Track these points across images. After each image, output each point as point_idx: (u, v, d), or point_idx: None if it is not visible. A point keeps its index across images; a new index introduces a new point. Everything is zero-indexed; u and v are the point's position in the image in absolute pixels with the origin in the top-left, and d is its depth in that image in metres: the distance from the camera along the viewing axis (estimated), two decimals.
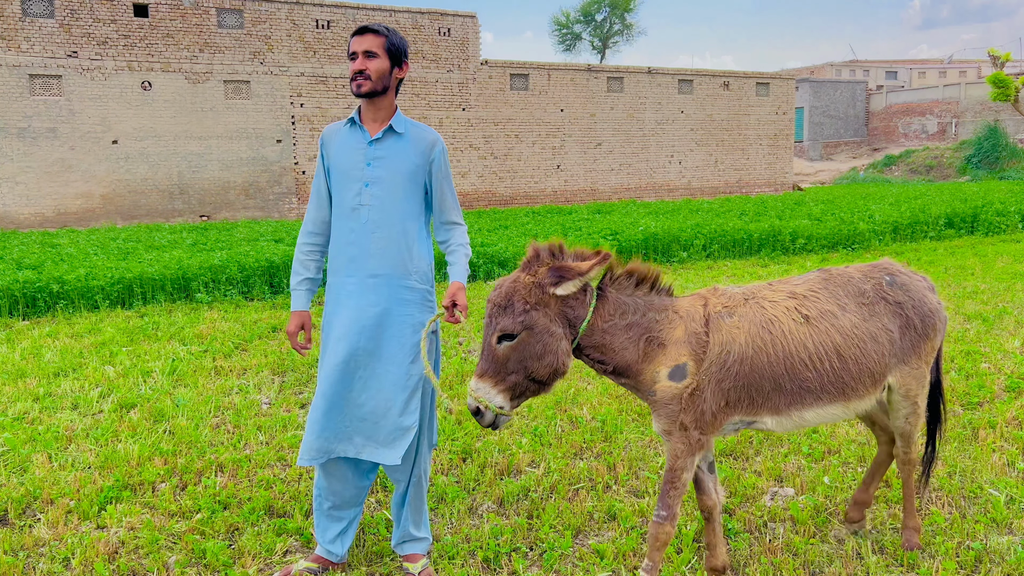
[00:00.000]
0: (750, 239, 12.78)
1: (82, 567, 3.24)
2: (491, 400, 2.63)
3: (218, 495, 3.87)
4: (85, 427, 4.95)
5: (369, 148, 3.02)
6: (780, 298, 2.88)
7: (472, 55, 24.65)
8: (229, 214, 21.65)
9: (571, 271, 2.65)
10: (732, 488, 3.85)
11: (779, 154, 30.73)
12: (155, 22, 20.56)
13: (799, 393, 2.80)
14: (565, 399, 5.30)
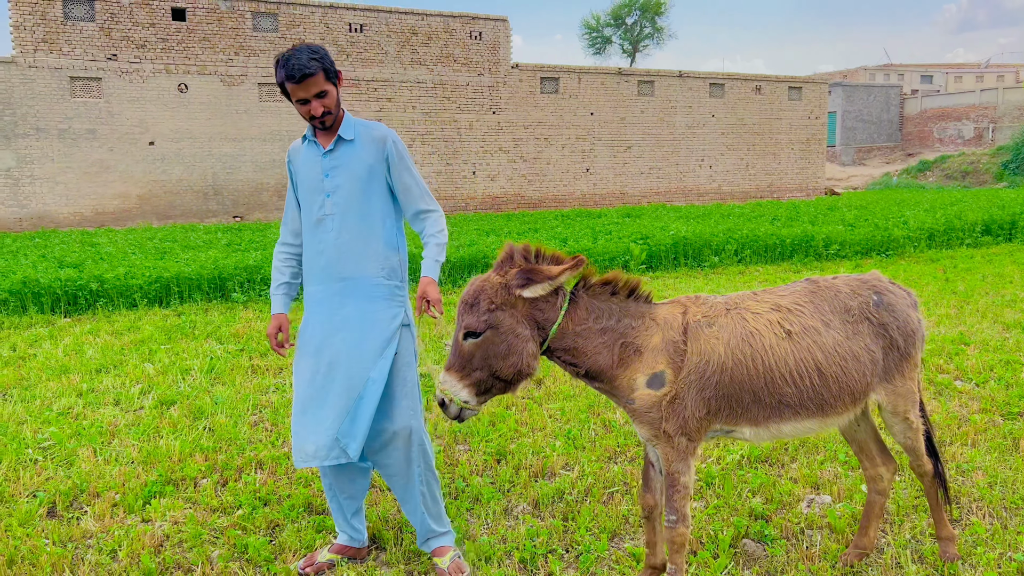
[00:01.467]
0: (782, 244, 12.68)
1: (129, 559, 3.32)
2: (456, 394, 2.67)
3: (258, 492, 3.94)
4: (127, 423, 5.06)
5: (324, 160, 3.12)
6: (763, 310, 2.83)
7: (503, 58, 24.74)
8: (262, 215, 21.92)
9: (540, 274, 2.66)
10: (768, 494, 3.85)
11: (811, 159, 30.44)
12: (192, 25, 20.90)
13: (778, 407, 2.77)
14: (598, 403, 5.32)
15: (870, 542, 3.21)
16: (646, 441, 2.83)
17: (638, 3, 50.16)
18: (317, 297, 3.17)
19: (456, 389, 2.67)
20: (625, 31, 51.74)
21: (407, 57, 23.39)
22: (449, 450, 4.53)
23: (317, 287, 3.17)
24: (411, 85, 23.51)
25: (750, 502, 3.75)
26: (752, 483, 3.95)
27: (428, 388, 5.75)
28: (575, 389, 5.64)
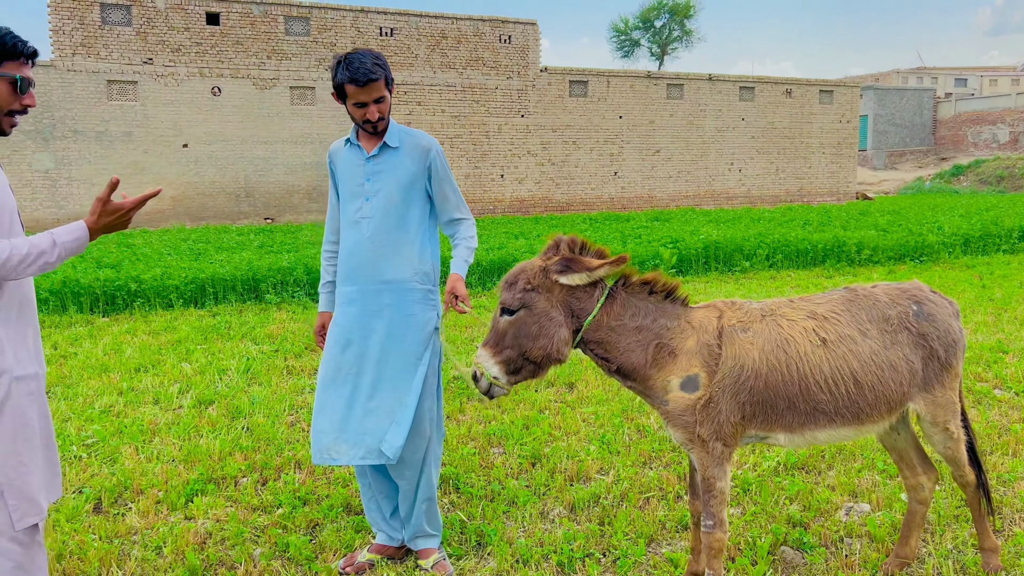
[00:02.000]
0: (814, 249, 12.57)
1: (174, 555, 3.38)
2: (488, 368, 2.75)
3: (297, 491, 4.00)
4: (167, 421, 5.16)
5: (367, 164, 3.17)
6: (799, 317, 2.84)
7: (532, 62, 24.78)
8: (293, 217, 22.15)
9: (579, 264, 2.73)
10: (805, 502, 3.83)
11: (842, 163, 30.13)
12: (226, 30, 21.18)
13: (812, 414, 2.77)
14: (631, 407, 5.32)
15: (911, 552, 3.19)
16: (680, 445, 2.84)
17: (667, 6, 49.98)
18: (350, 297, 3.21)
19: (488, 364, 2.76)
20: (654, 34, 51.58)
21: (437, 60, 23.52)
22: (483, 452, 4.56)
23: (351, 287, 3.21)
24: (440, 88, 23.63)
25: (787, 509, 3.74)
26: (789, 490, 3.93)
27: (461, 390, 5.79)
28: (608, 393, 5.65)
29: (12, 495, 2.18)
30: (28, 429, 2.25)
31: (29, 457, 2.24)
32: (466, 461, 4.39)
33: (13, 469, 2.19)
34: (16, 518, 2.19)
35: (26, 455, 2.23)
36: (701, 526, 2.82)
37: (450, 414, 5.27)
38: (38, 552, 2.30)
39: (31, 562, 2.28)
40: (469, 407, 5.43)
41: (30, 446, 2.25)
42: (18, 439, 2.21)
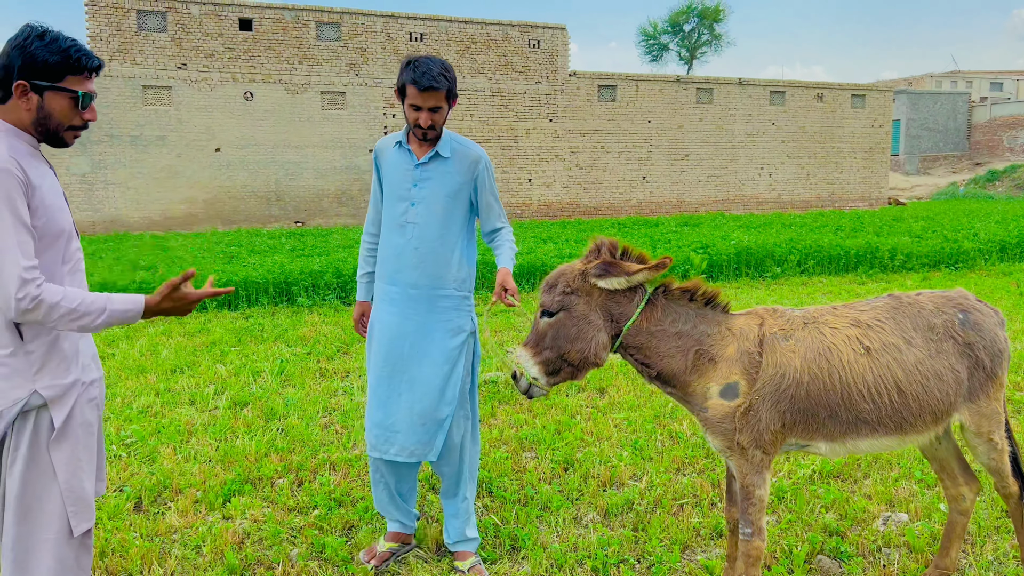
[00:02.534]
0: (847, 255, 12.44)
1: (213, 554, 3.44)
2: (527, 368, 2.77)
3: (333, 492, 4.04)
4: (203, 422, 5.23)
5: (416, 170, 3.20)
6: (842, 325, 2.81)
7: (560, 66, 24.80)
8: (322, 220, 22.35)
9: (619, 269, 2.74)
10: (841, 511, 3.79)
11: (874, 168, 29.77)
12: (258, 35, 21.45)
13: (855, 423, 2.74)
14: (663, 413, 5.30)
15: (951, 563, 3.14)
16: (719, 452, 2.83)
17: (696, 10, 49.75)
18: (391, 297, 3.25)
19: (528, 364, 2.78)
20: (683, 38, 51.36)
21: (466, 65, 23.62)
22: (516, 457, 4.57)
23: (391, 287, 3.25)
24: (470, 93, 23.72)
25: (823, 518, 3.71)
26: (825, 499, 3.90)
27: (492, 394, 5.81)
28: (639, 399, 5.63)
29: (71, 501, 2.21)
30: (89, 436, 2.29)
31: (87, 463, 2.27)
32: (499, 465, 4.40)
33: (73, 475, 2.22)
34: (74, 524, 2.22)
35: (85, 461, 2.25)
36: (739, 533, 2.80)
37: (482, 418, 5.29)
38: (86, 555, 2.35)
39: (79, 565, 2.33)
40: (501, 411, 5.45)
41: (89, 453, 2.28)
42: (79, 445, 2.24)
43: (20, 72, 2.13)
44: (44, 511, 2.19)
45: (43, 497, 2.18)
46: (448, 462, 3.31)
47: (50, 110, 2.19)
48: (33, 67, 2.13)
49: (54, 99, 2.19)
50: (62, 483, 2.20)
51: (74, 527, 2.23)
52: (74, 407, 2.23)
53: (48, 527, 2.20)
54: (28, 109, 2.17)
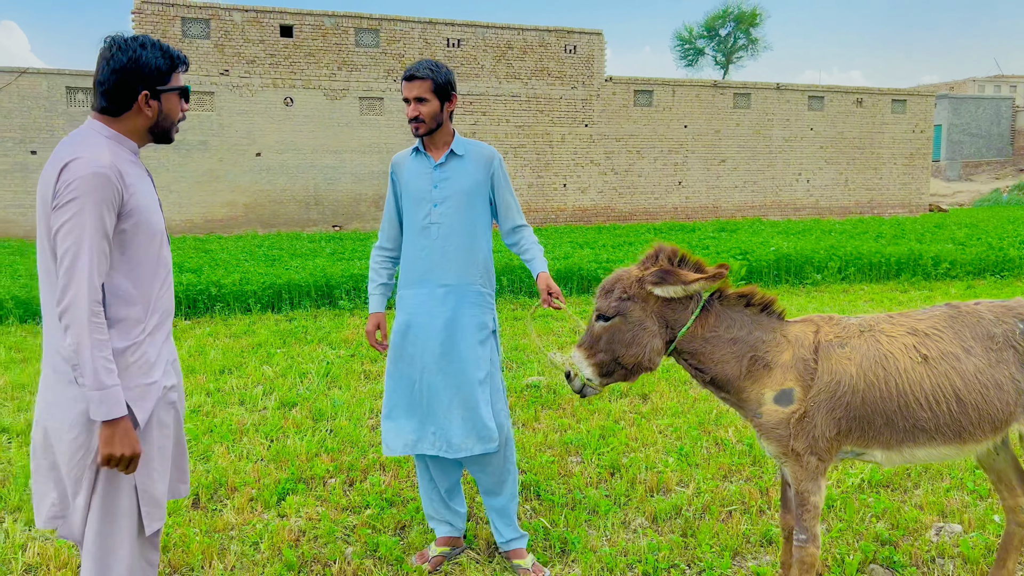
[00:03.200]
0: (888, 263, 12.29)
1: (271, 551, 3.52)
2: (581, 369, 2.83)
3: (384, 493, 4.11)
4: (254, 422, 5.34)
5: (435, 172, 3.30)
6: (899, 334, 2.80)
7: (597, 72, 24.80)
8: (359, 225, 22.59)
9: (675, 277, 2.76)
10: (893, 520, 3.77)
11: (915, 174, 29.32)
12: (298, 41, 21.77)
13: (912, 431, 2.73)
14: (708, 420, 5.30)
15: (1008, 575, 3.12)
16: (774, 458, 2.85)
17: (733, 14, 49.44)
18: (418, 299, 3.31)
19: (582, 365, 2.84)
20: (719, 43, 51.06)
21: (502, 71, 23.73)
22: (561, 461, 4.61)
23: (417, 290, 3.32)
24: (506, 99, 23.83)
25: (875, 527, 3.69)
26: (875, 508, 3.88)
27: (535, 398, 5.85)
28: (683, 405, 5.64)
29: (145, 501, 2.28)
30: (165, 438, 2.35)
31: (161, 464, 2.33)
32: (545, 469, 4.45)
33: (147, 476, 2.28)
34: (147, 523, 2.29)
35: (158, 462, 2.32)
36: (793, 540, 2.81)
37: (525, 422, 5.33)
38: (154, 553, 2.42)
39: (148, 562, 2.40)
40: (544, 415, 5.49)
41: (163, 455, 2.34)
42: (154, 446, 2.30)
43: (142, 84, 2.24)
44: (122, 509, 2.26)
45: (121, 495, 2.26)
46: (491, 460, 3.35)
47: (167, 111, 2.32)
48: (149, 75, 2.24)
49: (168, 99, 2.32)
50: (137, 482, 2.27)
51: (146, 526, 2.30)
52: (154, 408, 2.29)
53: (125, 525, 2.27)
54: (149, 115, 2.29)
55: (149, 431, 2.29)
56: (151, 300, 2.30)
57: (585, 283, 10.98)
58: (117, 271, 2.21)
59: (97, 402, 2.09)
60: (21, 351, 7.68)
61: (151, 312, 2.30)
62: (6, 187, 20.14)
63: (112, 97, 2.25)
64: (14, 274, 11.47)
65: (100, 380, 2.08)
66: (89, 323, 2.06)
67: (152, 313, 2.30)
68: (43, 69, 20.27)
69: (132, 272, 2.24)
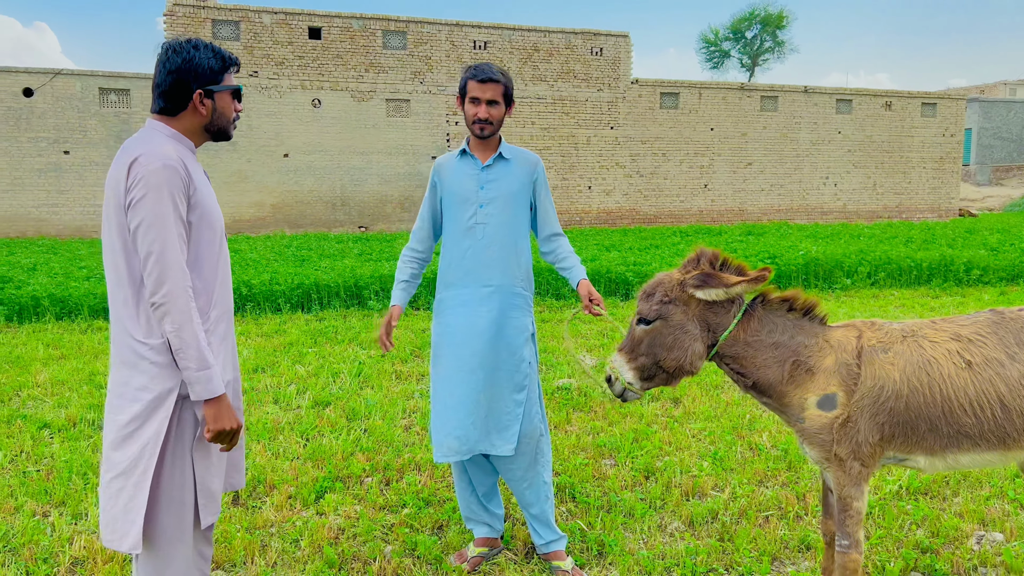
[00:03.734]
0: (919, 268, 12.16)
1: (311, 548, 3.57)
2: (622, 373, 2.85)
3: (420, 492, 4.15)
4: (289, 420, 5.40)
5: (482, 173, 3.34)
6: (942, 339, 2.78)
7: (623, 74, 24.76)
8: (385, 226, 22.71)
9: (717, 280, 2.76)
10: (932, 528, 3.75)
11: (945, 178, 28.96)
12: (326, 44, 21.94)
13: (956, 437, 2.72)
14: (742, 425, 5.29)
15: None
16: (816, 463, 2.84)
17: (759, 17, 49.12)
18: (459, 299, 3.33)
19: (623, 369, 2.85)
20: (744, 45, 50.75)
21: (528, 73, 23.76)
22: (595, 463, 4.62)
23: (458, 291, 3.34)
24: (531, 101, 23.85)
25: (915, 535, 3.67)
26: (914, 515, 3.85)
27: (566, 400, 5.87)
28: (716, 410, 5.63)
29: (202, 494, 2.34)
30: None
31: (217, 458, 2.39)
32: (579, 471, 4.46)
33: (205, 469, 2.34)
34: (203, 516, 2.34)
35: (215, 455, 2.37)
36: (836, 546, 2.81)
37: (557, 424, 5.35)
38: (208, 547, 2.48)
39: (202, 556, 2.45)
40: (576, 417, 5.50)
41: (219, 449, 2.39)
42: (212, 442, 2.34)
43: (196, 83, 2.33)
44: (179, 500, 2.31)
45: (183, 487, 2.30)
46: (523, 462, 3.35)
47: (221, 110, 2.41)
48: (203, 75, 2.33)
49: (222, 99, 2.40)
50: (196, 475, 2.32)
51: (202, 519, 2.35)
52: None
53: (182, 516, 2.32)
54: (204, 114, 2.38)
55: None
56: (213, 294, 2.36)
57: (613, 286, 10.97)
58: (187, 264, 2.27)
59: (204, 381, 2.18)
60: (58, 348, 7.81)
61: (212, 305, 2.36)
62: (40, 186, 20.49)
63: (169, 97, 2.34)
64: (50, 272, 11.66)
65: (205, 359, 2.18)
66: (188, 307, 2.16)
67: (214, 307, 2.36)
68: (77, 70, 20.59)
69: (196, 264, 2.30)
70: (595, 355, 7.27)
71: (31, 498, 4.10)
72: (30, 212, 20.49)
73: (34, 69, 20.29)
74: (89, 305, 9.35)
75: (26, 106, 20.23)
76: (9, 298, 9.28)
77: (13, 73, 20.12)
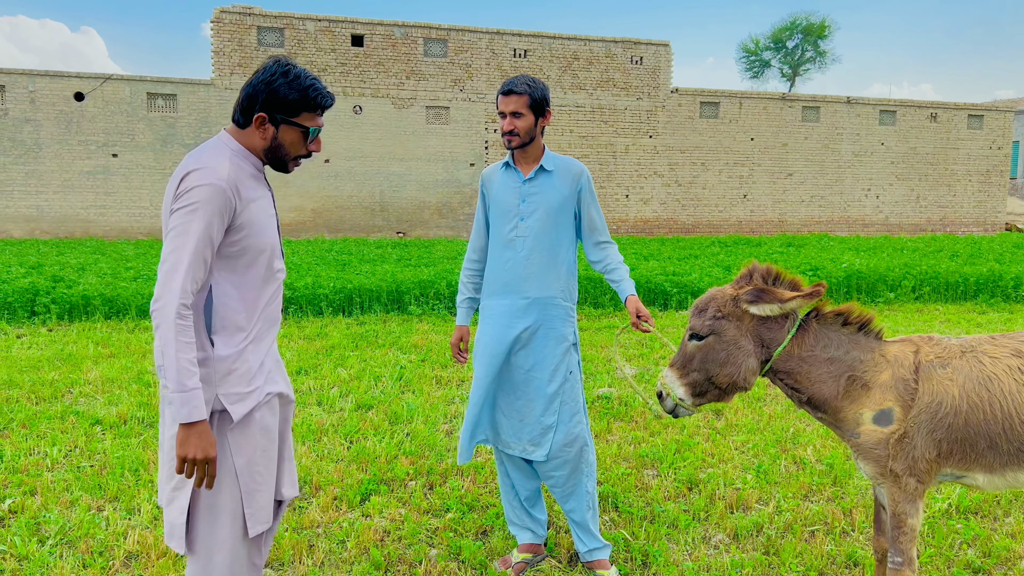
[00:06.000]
0: (965, 283, 11.93)
1: (357, 549, 3.61)
2: (673, 389, 2.84)
3: (464, 497, 4.18)
4: (332, 423, 5.48)
5: (523, 186, 3.36)
6: (1003, 355, 2.74)
7: (663, 83, 24.69)
8: (423, 232, 22.87)
9: (771, 295, 2.75)
10: (984, 548, 3.68)
11: (991, 191, 28.38)
12: (368, 51, 22.21)
13: (1017, 455, 2.67)
14: (785, 438, 5.24)
15: None
16: (871, 479, 2.82)
17: (800, 26, 48.62)
18: (499, 310, 3.38)
19: (674, 385, 2.85)
20: (785, 55, 50.25)
21: (568, 82, 23.80)
22: (638, 474, 4.61)
23: (499, 301, 3.38)
24: (570, 109, 23.88)
25: (966, 555, 3.61)
26: (964, 535, 3.79)
27: (606, 410, 5.86)
28: (759, 423, 5.58)
29: (248, 503, 2.34)
30: (269, 442, 2.39)
31: (266, 467, 2.39)
32: (622, 481, 4.45)
33: (251, 478, 2.34)
34: (250, 525, 2.35)
35: (263, 465, 2.37)
36: (888, 563, 2.78)
37: (598, 433, 5.35)
38: (259, 555, 2.49)
39: (252, 563, 2.46)
40: (616, 427, 5.50)
41: (267, 458, 2.39)
42: (257, 449, 2.35)
43: (263, 105, 2.32)
44: (226, 510, 2.33)
45: (225, 496, 2.31)
46: (562, 471, 3.37)
47: (282, 141, 2.38)
48: (275, 101, 2.31)
49: (288, 132, 2.37)
50: (241, 485, 2.32)
51: (250, 528, 2.35)
52: (254, 411, 2.33)
53: (228, 524, 2.33)
54: (263, 138, 2.36)
55: (251, 435, 2.34)
56: (256, 309, 2.35)
57: (652, 295, 10.93)
58: (225, 279, 2.29)
59: (178, 404, 2.10)
60: (108, 346, 8.00)
61: (255, 320, 2.35)
62: (89, 188, 21.00)
63: (240, 109, 2.36)
64: (99, 272, 11.94)
65: (182, 382, 2.10)
66: (175, 325, 2.10)
67: (256, 322, 2.36)
68: (126, 76, 21.10)
69: (239, 280, 2.30)
70: (635, 364, 7.26)
71: (86, 492, 4.21)
72: (79, 213, 21.00)
73: (85, 74, 20.83)
74: (137, 305, 9.56)
75: (77, 110, 20.76)
76: (61, 297, 9.53)
77: (65, 77, 20.68)
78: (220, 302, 2.29)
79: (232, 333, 2.30)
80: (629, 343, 8.48)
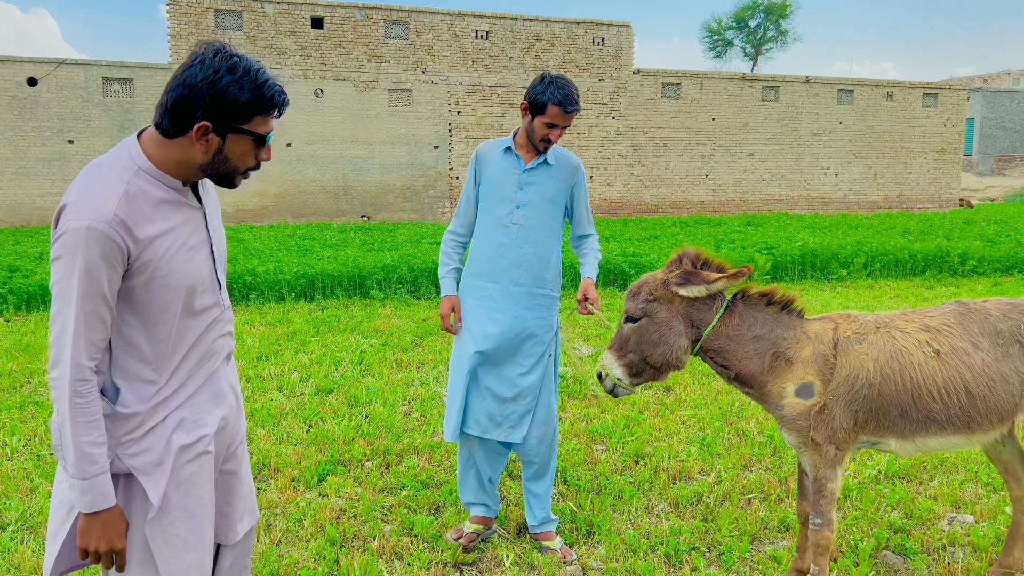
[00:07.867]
0: (914, 259, 12.30)
1: (314, 527, 3.75)
2: (612, 370, 3.04)
3: (418, 475, 4.33)
4: (292, 407, 5.59)
5: (523, 174, 3.45)
6: (912, 330, 2.96)
7: (625, 64, 24.82)
8: (387, 215, 22.86)
9: (699, 278, 2.95)
10: (907, 510, 3.92)
11: (945, 168, 29.02)
12: (329, 33, 22.03)
13: (924, 422, 2.90)
14: (730, 412, 5.46)
15: (1015, 562, 3.26)
16: (794, 448, 3.02)
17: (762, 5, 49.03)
18: (489, 292, 3.47)
19: (613, 366, 3.05)
20: (748, 34, 50.69)
21: (530, 63, 23.84)
22: (587, 448, 4.80)
23: (493, 284, 3.47)
24: None
25: (889, 516, 3.84)
26: (890, 498, 4.03)
27: (562, 388, 6.04)
28: (706, 398, 5.80)
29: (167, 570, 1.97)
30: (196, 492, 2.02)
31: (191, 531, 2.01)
32: (572, 456, 4.64)
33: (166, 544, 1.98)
34: None
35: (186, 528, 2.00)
36: (809, 524, 2.99)
37: None
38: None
39: None
40: (570, 405, 5.67)
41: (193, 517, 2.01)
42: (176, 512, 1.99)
43: (207, 111, 1.81)
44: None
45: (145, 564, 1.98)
46: (540, 449, 3.55)
47: (229, 154, 1.89)
48: (221, 106, 1.81)
49: (237, 142, 1.88)
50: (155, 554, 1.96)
51: None
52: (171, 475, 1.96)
53: None
54: (205, 151, 1.87)
55: (168, 499, 1.96)
56: (170, 360, 1.95)
57: (611, 276, 11.12)
58: (130, 327, 1.89)
59: (79, 492, 1.81)
60: None
61: (171, 373, 1.96)
62: (45, 175, 20.65)
63: (170, 115, 1.83)
64: None
65: (83, 469, 1.80)
66: (71, 405, 1.78)
67: (173, 373, 1.97)
68: (81, 60, 20.72)
69: (145, 329, 1.90)
70: (592, 344, 7.45)
71: (46, 480, 4.29)
72: (35, 201, 20.66)
73: (38, 58, 20.42)
74: None
75: (30, 95, 20.37)
76: (18, 287, 9.47)
77: (17, 62, 20.26)
78: (126, 352, 1.91)
79: (144, 386, 1.93)
80: (588, 323, 8.67)
